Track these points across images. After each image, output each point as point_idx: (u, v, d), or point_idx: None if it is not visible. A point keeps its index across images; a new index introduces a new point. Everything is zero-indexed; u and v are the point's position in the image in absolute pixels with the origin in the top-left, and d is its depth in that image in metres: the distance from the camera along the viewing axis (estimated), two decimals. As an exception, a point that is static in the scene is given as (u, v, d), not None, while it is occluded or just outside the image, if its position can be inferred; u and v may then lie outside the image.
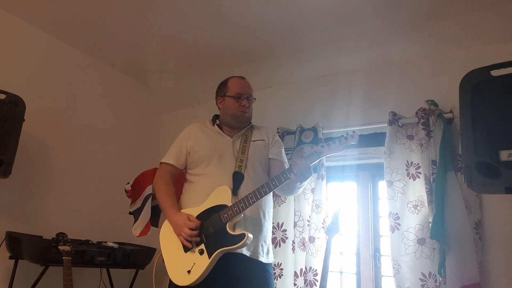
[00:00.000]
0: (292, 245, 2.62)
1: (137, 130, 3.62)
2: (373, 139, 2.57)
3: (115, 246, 2.72)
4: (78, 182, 3.04)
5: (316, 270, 2.45)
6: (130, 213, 2.57)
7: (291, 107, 3.03)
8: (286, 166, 2.08)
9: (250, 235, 1.76)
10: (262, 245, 1.93)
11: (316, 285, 2.42)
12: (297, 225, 2.62)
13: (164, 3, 2.46)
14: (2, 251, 2.43)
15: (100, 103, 3.30)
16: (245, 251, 1.85)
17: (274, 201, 2.68)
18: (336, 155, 2.68)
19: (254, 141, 2.08)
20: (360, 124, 2.63)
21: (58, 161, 2.94)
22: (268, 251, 1.97)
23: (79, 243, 2.64)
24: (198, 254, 1.80)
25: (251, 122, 2.17)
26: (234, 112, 2.07)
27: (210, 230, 1.82)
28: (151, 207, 2.54)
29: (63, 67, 3.02)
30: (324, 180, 2.59)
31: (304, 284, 2.47)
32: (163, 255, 1.94)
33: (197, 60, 3.11)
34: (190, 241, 1.82)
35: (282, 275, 2.59)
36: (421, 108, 2.34)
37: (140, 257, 2.80)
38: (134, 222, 2.51)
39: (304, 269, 2.50)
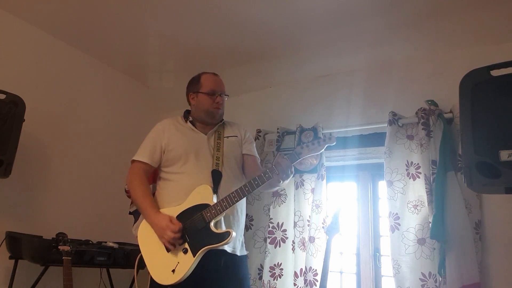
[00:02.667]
0: (292, 245, 2.62)
1: (137, 130, 3.59)
2: (373, 139, 2.57)
3: (115, 246, 2.72)
4: (78, 182, 3.04)
5: (316, 270, 2.45)
6: (130, 213, 2.57)
7: (291, 107, 3.03)
8: (259, 161, 2.18)
9: (234, 233, 1.82)
10: (239, 240, 2.00)
11: (316, 285, 2.42)
12: (297, 225, 2.62)
13: (164, 3, 2.46)
14: (2, 251, 2.43)
15: (100, 103, 3.30)
16: (226, 247, 1.89)
17: (274, 201, 2.70)
18: (335, 155, 2.71)
19: (227, 137, 2.10)
20: (360, 124, 2.63)
21: (58, 161, 2.94)
22: (242, 244, 2.04)
23: (79, 243, 2.64)
24: (182, 253, 1.81)
25: (223, 119, 2.17)
26: (208, 108, 2.06)
27: (193, 229, 1.83)
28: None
29: (63, 67, 3.02)
30: (324, 180, 2.59)
31: (304, 284, 2.47)
32: (143, 256, 1.92)
33: (197, 60, 3.11)
34: (173, 244, 1.83)
35: (282, 275, 2.59)
36: (421, 108, 2.34)
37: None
38: (134, 222, 2.51)
39: (304, 269, 2.50)
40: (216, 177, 1.94)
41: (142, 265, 2.83)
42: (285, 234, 2.65)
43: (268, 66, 3.05)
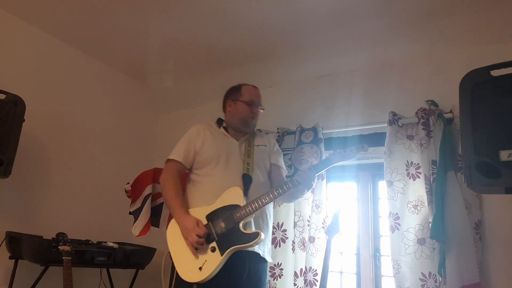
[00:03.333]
0: (292, 245, 2.62)
1: (137, 130, 3.62)
2: (373, 139, 2.57)
3: (115, 246, 2.72)
4: (78, 182, 3.04)
5: (316, 270, 2.45)
6: (130, 213, 2.57)
7: (291, 107, 3.03)
8: (285, 173, 2.22)
9: (263, 234, 1.84)
10: (267, 244, 2.03)
11: (316, 285, 2.42)
12: (297, 225, 2.62)
13: (164, 3, 2.46)
14: (2, 251, 2.43)
15: (100, 103, 3.30)
16: (256, 249, 1.92)
17: (274, 202, 2.69)
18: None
19: (257, 145, 2.16)
20: (360, 124, 2.63)
21: (58, 161, 2.94)
22: (269, 250, 2.06)
23: (79, 243, 2.64)
24: (210, 251, 1.83)
25: (254, 129, 2.25)
26: (245, 116, 2.14)
27: (222, 228, 1.85)
28: (151, 207, 2.54)
29: (63, 67, 3.02)
30: (324, 180, 2.59)
31: (304, 284, 2.47)
32: (171, 253, 1.93)
33: (197, 60, 3.11)
34: (195, 247, 1.84)
35: (282, 275, 2.59)
36: (421, 108, 2.34)
37: (140, 257, 2.80)
38: (134, 222, 2.51)
39: (304, 269, 2.50)
40: (246, 181, 1.97)
41: (142, 265, 2.85)
42: (285, 234, 2.65)
43: (268, 66, 3.05)
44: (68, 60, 3.06)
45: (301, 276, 2.54)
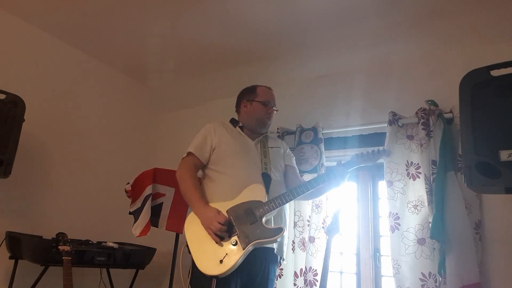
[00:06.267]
0: (292, 245, 2.62)
1: (137, 130, 3.62)
2: (373, 139, 2.57)
3: (115, 246, 2.72)
4: (78, 182, 3.04)
5: (316, 270, 2.45)
6: (130, 213, 2.57)
7: (291, 107, 3.02)
8: (298, 171, 2.26)
9: (285, 231, 1.88)
10: (285, 244, 2.07)
11: (316, 285, 2.42)
12: (297, 225, 2.62)
13: (164, 3, 2.46)
14: (2, 251, 2.43)
15: (100, 103, 3.30)
16: (275, 246, 1.95)
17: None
18: (335, 155, 2.71)
19: (271, 147, 2.19)
20: (360, 124, 2.63)
21: (58, 161, 2.94)
22: (286, 250, 2.12)
23: (79, 243, 2.64)
24: (231, 245, 1.81)
25: (267, 131, 2.27)
26: (261, 116, 2.18)
27: (244, 223, 1.84)
28: (151, 207, 2.54)
29: (63, 67, 3.02)
30: (324, 180, 2.59)
31: (304, 284, 2.47)
32: (189, 246, 1.89)
33: (197, 60, 3.11)
34: (218, 235, 1.82)
35: (282, 275, 2.59)
36: (421, 108, 2.34)
37: (140, 257, 2.80)
38: (134, 222, 2.51)
39: (304, 269, 2.50)
40: (266, 180, 1.99)
41: (142, 265, 2.85)
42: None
43: (268, 66, 3.05)
44: (68, 60, 3.06)
45: (301, 276, 2.54)
